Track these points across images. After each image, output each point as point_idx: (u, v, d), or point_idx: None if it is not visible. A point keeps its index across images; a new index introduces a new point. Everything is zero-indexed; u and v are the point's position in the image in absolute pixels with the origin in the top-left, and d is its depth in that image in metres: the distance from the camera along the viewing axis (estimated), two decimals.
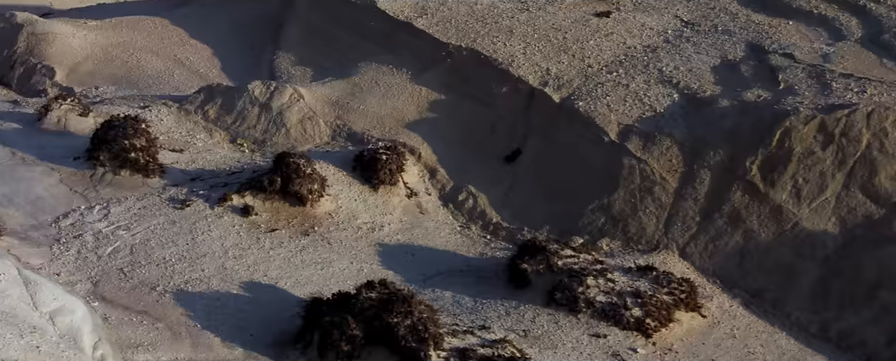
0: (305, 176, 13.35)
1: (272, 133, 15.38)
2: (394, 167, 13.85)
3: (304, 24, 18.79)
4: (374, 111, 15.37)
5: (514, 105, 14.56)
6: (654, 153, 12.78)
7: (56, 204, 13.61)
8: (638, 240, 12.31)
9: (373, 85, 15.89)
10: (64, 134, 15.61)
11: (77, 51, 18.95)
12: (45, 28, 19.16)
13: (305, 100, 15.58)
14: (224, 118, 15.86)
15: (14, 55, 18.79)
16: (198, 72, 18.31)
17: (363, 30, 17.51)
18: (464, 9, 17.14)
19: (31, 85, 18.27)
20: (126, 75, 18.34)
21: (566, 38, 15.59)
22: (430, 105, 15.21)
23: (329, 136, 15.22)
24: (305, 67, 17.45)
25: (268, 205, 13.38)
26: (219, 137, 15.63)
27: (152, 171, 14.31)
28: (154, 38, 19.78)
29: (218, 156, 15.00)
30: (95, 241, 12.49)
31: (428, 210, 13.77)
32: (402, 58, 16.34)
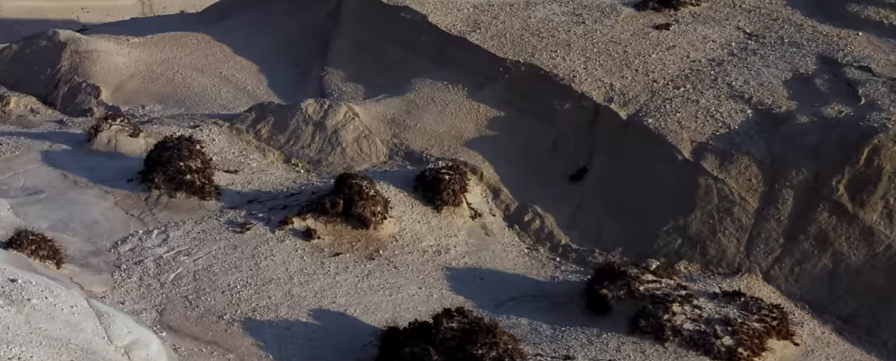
0: (368, 198, 13.00)
1: (327, 152, 15.05)
2: (457, 187, 13.49)
3: (351, 39, 18.48)
4: (431, 129, 15.01)
5: (578, 122, 14.17)
6: (732, 172, 12.36)
7: (113, 228, 13.32)
8: (718, 263, 11.89)
9: (429, 102, 15.54)
10: (115, 155, 15.33)
11: (121, 69, 18.71)
12: (88, 46, 18.93)
13: (360, 119, 15.25)
14: (277, 137, 15.54)
15: (58, 74, 18.56)
16: (245, 90, 18.03)
17: (414, 45, 17.18)
18: (517, 23, 16.78)
19: (75, 104, 18.03)
20: (172, 93, 18.07)
21: (627, 52, 15.19)
22: (489, 122, 14.84)
23: (386, 155, 14.88)
24: (356, 84, 17.12)
25: (330, 228, 13.04)
26: (272, 157, 15.32)
27: (209, 194, 14.00)
28: (198, 54, 19.52)
29: (273, 177, 14.68)
30: (157, 267, 12.18)
31: (493, 231, 13.39)
32: (456, 73, 15.98)
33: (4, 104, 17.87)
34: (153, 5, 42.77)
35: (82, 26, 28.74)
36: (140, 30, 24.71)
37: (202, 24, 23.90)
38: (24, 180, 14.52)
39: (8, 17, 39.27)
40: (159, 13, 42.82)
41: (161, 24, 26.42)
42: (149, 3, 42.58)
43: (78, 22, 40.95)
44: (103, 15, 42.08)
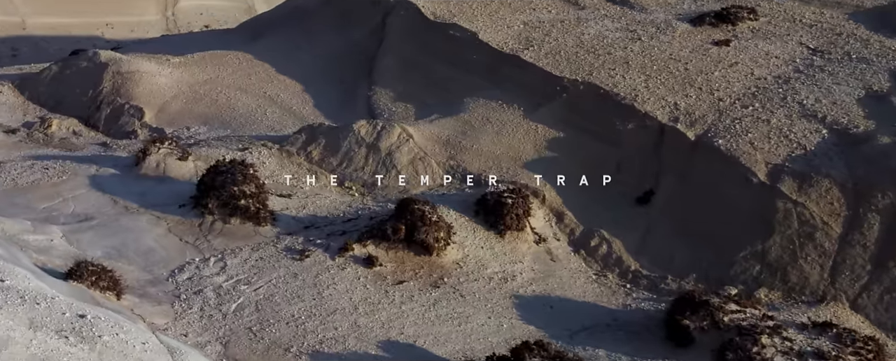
0: (431, 223, 12.62)
1: (382, 175, 14.68)
2: (520, 211, 13.09)
3: (398, 57, 18.15)
4: (488, 150, 14.63)
5: (642, 142, 13.76)
6: (812, 195, 11.92)
7: (168, 256, 12.98)
8: (800, 291, 11.44)
9: (484, 122, 15.16)
10: (164, 179, 15.02)
11: (164, 89, 18.42)
12: (130, 67, 18.65)
13: (415, 140, 14.88)
14: (329, 160, 15.19)
15: (100, 95, 18.28)
16: (291, 110, 17.70)
17: (465, 63, 16.81)
18: (571, 40, 16.41)
19: (119, 126, 17.73)
20: (216, 114, 17.76)
21: (688, 70, 14.79)
22: (548, 143, 14.44)
23: (442, 178, 14.49)
24: (406, 103, 16.77)
25: (392, 255, 12.66)
26: (325, 180, 14.97)
27: (264, 219, 13.66)
28: (240, 74, 19.22)
29: (328, 201, 14.32)
30: (217, 298, 11.82)
31: (559, 257, 12.97)
32: (511, 92, 15.60)
33: (47, 126, 17.60)
34: (177, 21, 42.74)
35: (116, 44, 28.57)
36: (175, 48, 24.48)
37: (240, 42, 23.65)
38: (73, 206, 14.23)
39: (33, 34, 39.28)
40: (183, 28, 42.78)
41: (196, 42, 26.20)
42: (173, 19, 42.54)
43: (102, 38, 40.96)
44: (128, 31, 42.06)
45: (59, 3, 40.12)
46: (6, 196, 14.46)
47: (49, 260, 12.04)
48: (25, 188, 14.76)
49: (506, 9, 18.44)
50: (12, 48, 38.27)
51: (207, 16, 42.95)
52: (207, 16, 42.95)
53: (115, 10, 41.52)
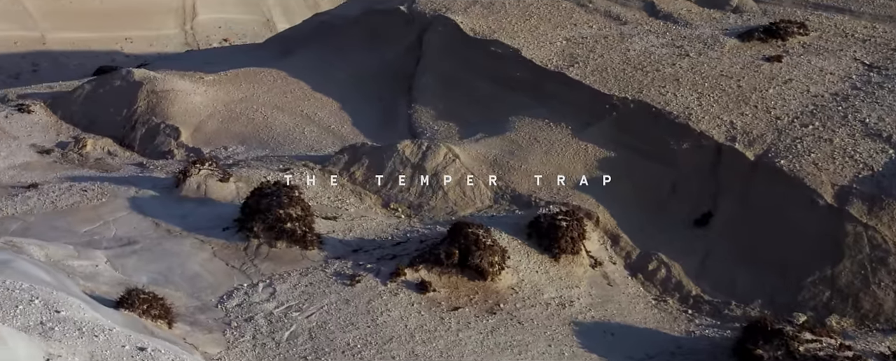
0: (486, 247, 12.28)
1: (428, 196, 14.36)
2: (575, 234, 12.74)
3: (437, 74, 17.86)
4: (537, 170, 14.29)
5: (698, 163, 13.41)
6: (884, 219, 11.53)
7: (216, 281, 12.67)
8: (874, 318, 11.04)
9: (532, 141, 14.84)
10: (205, 201, 14.73)
11: (200, 108, 18.16)
12: (165, 85, 18.40)
13: (461, 160, 14.56)
14: (373, 180, 14.88)
15: (134, 115, 18.03)
16: (329, 129, 17.41)
17: (507, 80, 16.51)
18: (617, 56, 16.10)
19: (154, 146, 17.46)
20: (254, 133, 17.48)
21: (741, 87, 14.46)
22: (599, 163, 14.11)
23: (491, 199, 14.16)
24: (448, 122, 16.46)
25: (445, 280, 12.33)
26: (370, 201, 14.65)
27: (311, 243, 13.34)
28: (276, 92, 18.96)
29: (374, 224, 14.00)
30: (269, 325, 11.50)
31: (616, 281, 12.62)
32: (557, 111, 15.29)
33: (81, 146, 17.36)
34: (196, 34, 42.73)
35: (143, 60, 28.41)
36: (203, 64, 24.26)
37: (269, 59, 23.42)
38: (115, 229, 13.96)
39: (53, 50, 39.28)
40: (202, 42, 42.73)
41: (223, 58, 26.00)
42: (192, 33, 42.55)
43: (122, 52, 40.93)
44: (147, 45, 42.05)
45: (78, 18, 40.14)
46: (46, 219, 14.20)
47: (96, 287, 11.76)
48: (65, 211, 14.50)
49: (546, 24, 18.15)
50: (33, 63, 38.26)
51: (226, 29, 42.98)
52: (226, 29, 42.98)
53: (133, 25, 41.53)
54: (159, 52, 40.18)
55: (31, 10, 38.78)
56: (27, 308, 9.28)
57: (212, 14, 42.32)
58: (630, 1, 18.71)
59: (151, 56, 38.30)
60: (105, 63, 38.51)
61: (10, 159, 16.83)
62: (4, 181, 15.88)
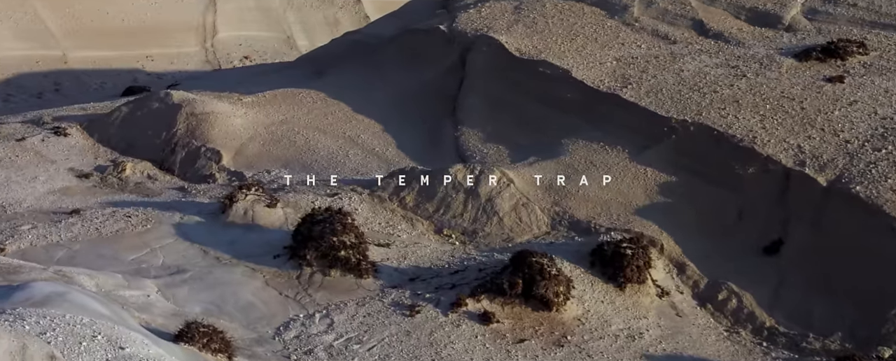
0: (551, 277, 11.87)
1: (483, 222, 13.97)
2: (641, 263, 12.33)
3: (483, 95, 17.50)
4: (595, 195, 13.90)
5: (765, 188, 12.98)
6: None
7: (270, 311, 12.29)
8: None
9: (588, 165, 14.45)
10: (252, 227, 14.36)
11: (240, 131, 17.82)
12: (204, 108, 18.06)
13: (516, 185, 14.17)
14: (424, 206, 14.50)
15: (174, 138, 17.68)
16: (373, 152, 17.04)
17: (558, 102, 16.13)
18: (670, 77, 15.72)
19: (195, 169, 17.12)
20: (296, 157, 17.12)
21: (805, 109, 14.05)
22: (660, 187, 13.71)
23: (548, 225, 13.76)
24: (498, 145, 16.07)
25: (508, 311, 11.91)
26: (422, 228, 14.26)
27: (365, 271, 12.95)
28: (316, 114, 18.61)
29: (428, 251, 13.61)
30: (330, 358, 11.09)
31: (684, 312, 12.18)
32: (612, 133, 14.89)
33: (120, 170, 17.03)
34: (216, 52, 42.66)
35: (174, 80, 28.19)
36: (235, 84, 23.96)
37: (302, 79, 23.12)
38: (162, 257, 13.60)
39: (74, 68, 39.19)
40: (223, 59, 42.61)
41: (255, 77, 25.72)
42: (212, 50, 42.48)
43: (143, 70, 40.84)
44: (168, 63, 41.96)
45: (99, 37, 40.08)
46: (92, 247, 13.86)
47: (152, 319, 11.39)
48: (110, 238, 14.16)
49: (593, 44, 17.80)
50: (55, 82, 38.18)
51: (246, 47, 42.93)
52: (246, 47, 42.93)
53: (154, 43, 41.47)
54: (180, 70, 40.06)
55: (53, 30, 38.73)
56: (91, 344, 8.92)
57: (232, 32, 42.23)
58: (678, 20, 18.36)
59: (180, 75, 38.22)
60: (127, 82, 38.36)
61: (49, 184, 16.52)
62: (45, 206, 15.57)
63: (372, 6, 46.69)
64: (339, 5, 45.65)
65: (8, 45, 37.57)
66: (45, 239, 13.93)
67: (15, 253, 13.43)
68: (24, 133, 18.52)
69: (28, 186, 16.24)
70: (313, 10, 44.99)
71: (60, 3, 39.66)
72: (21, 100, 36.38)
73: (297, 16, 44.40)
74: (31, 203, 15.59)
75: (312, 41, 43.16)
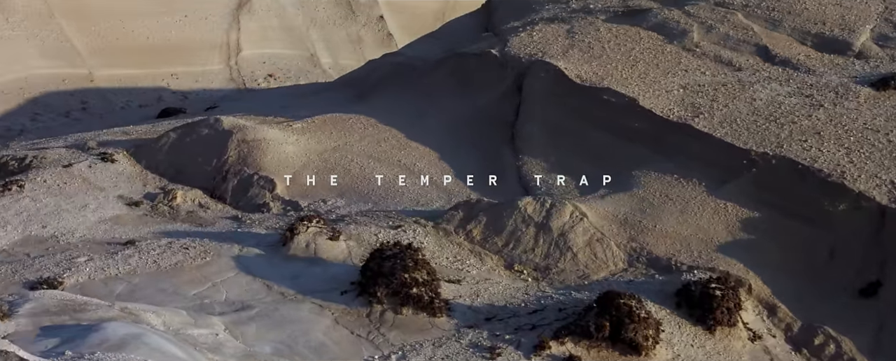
0: (640, 320, 11.33)
1: (556, 258, 13.45)
2: (731, 304, 11.78)
3: (542, 122, 17.00)
4: (673, 231, 13.37)
5: (857, 226, 12.43)
6: None
7: (343, 352, 11.74)
8: None
9: (663, 199, 13.93)
10: (315, 260, 13.86)
11: (293, 158, 17.34)
12: (256, 135, 17.58)
13: (589, 219, 13.66)
14: (493, 240, 13.99)
15: (225, 165, 17.20)
16: (433, 182, 16.53)
17: (624, 131, 15.62)
18: (743, 106, 15.21)
19: (248, 198, 16.63)
20: (352, 185, 16.62)
21: (892, 142, 13.51)
22: (742, 224, 13.17)
23: (624, 262, 13.24)
24: (562, 175, 15.56)
25: (595, 354, 11.37)
26: (491, 263, 13.75)
27: (439, 309, 12.42)
28: (368, 140, 18.14)
29: (501, 288, 13.08)
30: None
31: (779, 357, 11.61)
32: (685, 166, 14.37)
33: (171, 199, 16.56)
34: (241, 70, 42.47)
35: (204, 101, 27.81)
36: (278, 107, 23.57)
37: (346, 102, 22.71)
38: (225, 292, 13.10)
39: (101, 86, 38.95)
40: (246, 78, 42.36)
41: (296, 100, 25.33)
42: (237, 69, 42.31)
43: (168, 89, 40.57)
44: (192, 81, 41.75)
45: (124, 55, 39.91)
46: (151, 281, 13.36)
47: None
48: (169, 271, 13.66)
49: (655, 70, 17.33)
50: (81, 101, 37.95)
51: (270, 64, 42.75)
52: (270, 64, 42.75)
53: (179, 61, 41.32)
54: (205, 89, 39.81)
55: (79, 48, 38.54)
56: None
57: (256, 49, 42.02)
58: (741, 45, 17.88)
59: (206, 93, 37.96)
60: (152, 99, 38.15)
61: (100, 212, 16.05)
62: (98, 236, 15.10)
63: (395, 24, 46.48)
64: (361, 23, 45.42)
65: (34, 63, 37.35)
66: (103, 271, 13.45)
67: (74, 286, 12.98)
68: (71, 159, 18.08)
69: (79, 215, 15.78)
70: (336, 27, 44.76)
71: (86, 22, 39.48)
72: (48, 119, 36.10)
73: (320, 33, 44.18)
74: (84, 232, 15.13)
75: (335, 59, 42.91)
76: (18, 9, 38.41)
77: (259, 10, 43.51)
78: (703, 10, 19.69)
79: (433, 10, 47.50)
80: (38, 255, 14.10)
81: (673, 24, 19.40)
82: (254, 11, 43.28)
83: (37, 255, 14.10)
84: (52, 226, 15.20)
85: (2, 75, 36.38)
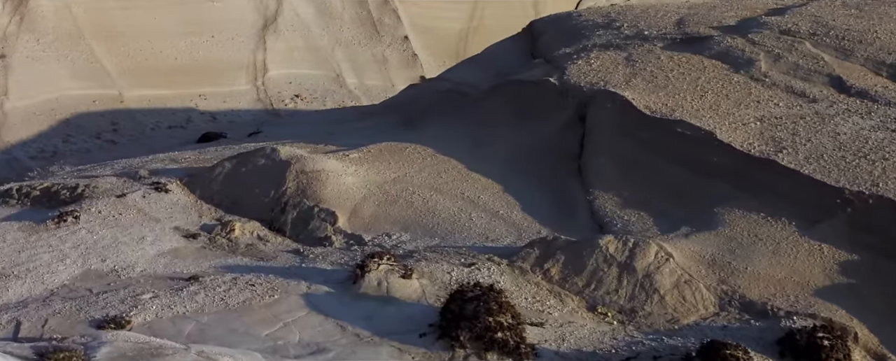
0: None
1: (641, 301, 12.87)
2: (840, 355, 11.17)
3: (612, 156, 16.48)
4: (766, 273, 12.79)
5: None
6: None
7: None
8: None
9: (752, 239, 13.37)
10: (388, 300, 13.31)
11: (353, 190, 16.84)
12: (315, 165, 17.09)
13: (676, 260, 13.10)
14: (573, 280, 13.43)
15: (283, 197, 16.71)
16: (498, 215, 16.00)
17: (703, 166, 15.08)
18: (827, 140, 14.67)
19: (309, 231, 16.11)
20: (416, 219, 16.10)
21: None
22: (841, 267, 12.58)
23: (715, 306, 12.64)
24: (639, 212, 15.02)
25: None
26: (573, 304, 13.17)
27: (525, 355, 11.82)
28: (429, 171, 17.65)
29: (586, 332, 12.50)
30: None
31: None
32: (772, 204, 13.80)
33: (229, 231, 16.06)
34: (268, 91, 42.36)
35: (256, 128, 27.44)
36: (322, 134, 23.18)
37: (395, 129, 22.33)
38: (298, 333, 12.54)
39: (130, 107, 38.82)
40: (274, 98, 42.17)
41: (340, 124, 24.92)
42: (263, 89, 42.21)
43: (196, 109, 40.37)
44: (220, 102, 41.56)
45: (154, 76, 39.84)
46: (221, 320, 12.83)
47: None
48: (237, 309, 13.13)
49: (726, 101, 16.81)
50: (112, 122, 37.81)
51: (296, 85, 42.63)
52: (296, 85, 42.63)
53: (207, 81, 41.28)
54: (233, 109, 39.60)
55: (109, 69, 38.38)
56: None
57: (282, 70, 41.89)
58: (812, 75, 17.37)
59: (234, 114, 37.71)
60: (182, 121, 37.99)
61: (158, 245, 15.57)
62: (159, 270, 14.61)
63: (419, 45, 46.27)
64: (386, 43, 45.18)
65: (65, 84, 37.22)
66: (170, 309, 12.93)
67: (142, 325, 12.47)
68: (123, 188, 17.64)
69: (137, 247, 15.29)
70: (361, 48, 44.55)
71: (115, 42, 39.40)
72: (80, 141, 35.90)
73: (346, 54, 43.98)
74: (144, 266, 14.64)
75: (361, 79, 42.66)
76: (49, 30, 38.34)
77: (284, 30, 43.38)
78: (768, 39, 19.21)
79: (457, 31, 47.30)
80: (101, 291, 13.61)
81: (737, 53, 18.92)
82: (279, 32, 43.16)
83: (99, 291, 13.62)
84: (112, 260, 14.73)
85: (34, 96, 36.26)
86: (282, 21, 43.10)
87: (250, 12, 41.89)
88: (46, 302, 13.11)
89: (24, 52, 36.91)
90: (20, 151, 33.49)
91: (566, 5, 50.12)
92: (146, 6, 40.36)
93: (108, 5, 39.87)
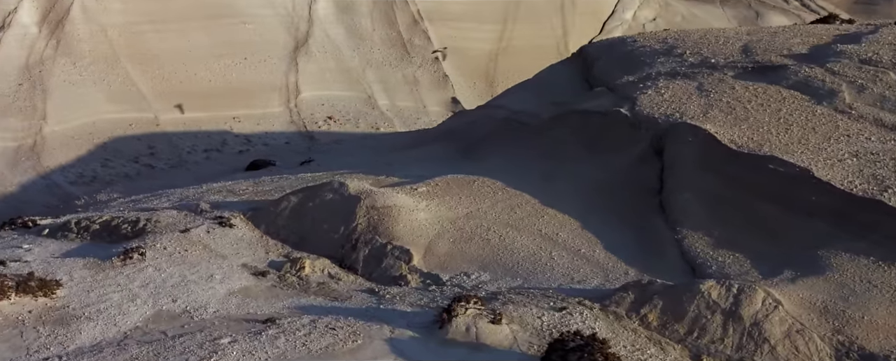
0: None
1: (750, 351, 12.13)
2: None
3: (698, 192, 15.78)
4: (884, 323, 12.05)
5: None
6: None
7: None
8: None
9: (866, 286, 12.65)
10: (478, 347, 12.61)
11: (426, 227, 16.17)
12: (386, 201, 16.45)
13: (785, 307, 12.39)
14: (673, 327, 12.72)
15: (354, 233, 16.07)
16: (580, 254, 15.31)
17: (800, 205, 14.36)
18: None
19: (382, 269, 15.46)
20: (493, 257, 15.42)
21: None
22: None
23: (832, 358, 11.89)
24: (734, 253, 14.30)
25: None
26: (675, 353, 12.45)
27: None
28: (502, 206, 16.98)
29: None
30: None
31: None
32: (882, 245, 13.07)
33: (299, 269, 15.42)
34: (301, 112, 42.04)
35: (308, 157, 26.93)
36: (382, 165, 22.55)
37: (451, 158, 21.73)
38: None
39: (166, 131, 38.48)
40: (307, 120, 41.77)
41: (395, 153, 24.34)
42: (296, 111, 41.87)
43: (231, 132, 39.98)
44: (254, 124, 41.21)
45: (188, 99, 39.56)
46: None
47: None
48: (321, 355, 12.44)
49: (813, 135, 16.11)
50: (148, 146, 37.49)
51: (328, 106, 42.26)
52: (328, 106, 42.26)
53: (240, 104, 40.95)
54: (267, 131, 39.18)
55: (145, 92, 38.07)
56: None
57: (314, 92, 41.51)
58: None
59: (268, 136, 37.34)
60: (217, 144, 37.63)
61: (227, 283, 14.94)
62: (232, 311, 13.97)
63: (449, 65, 45.80)
64: (417, 64, 44.77)
65: (102, 108, 36.88)
66: (252, 356, 12.25)
67: None
68: (186, 223, 17.04)
69: (206, 286, 14.67)
70: (392, 69, 44.16)
71: (150, 65, 39.12)
72: (119, 165, 35.51)
73: (377, 75, 43.58)
74: (216, 307, 14.01)
75: (393, 101, 42.18)
76: (85, 54, 38.07)
77: (316, 52, 43.04)
78: (848, 69, 18.52)
79: (487, 52, 46.90)
80: (176, 334, 12.98)
81: (817, 83, 18.23)
82: (311, 53, 42.83)
83: (174, 334, 12.98)
84: (183, 300, 14.11)
85: (71, 120, 35.94)
86: (313, 42, 42.77)
87: (282, 34, 41.57)
88: (122, 347, 12.49)
89: (61, 75, 36.62)
90: (60, 176, 33.10)
91: (592, 26, 49.71)
92: (179, 28, 40.12)
93: (142, 28, 39.62)
